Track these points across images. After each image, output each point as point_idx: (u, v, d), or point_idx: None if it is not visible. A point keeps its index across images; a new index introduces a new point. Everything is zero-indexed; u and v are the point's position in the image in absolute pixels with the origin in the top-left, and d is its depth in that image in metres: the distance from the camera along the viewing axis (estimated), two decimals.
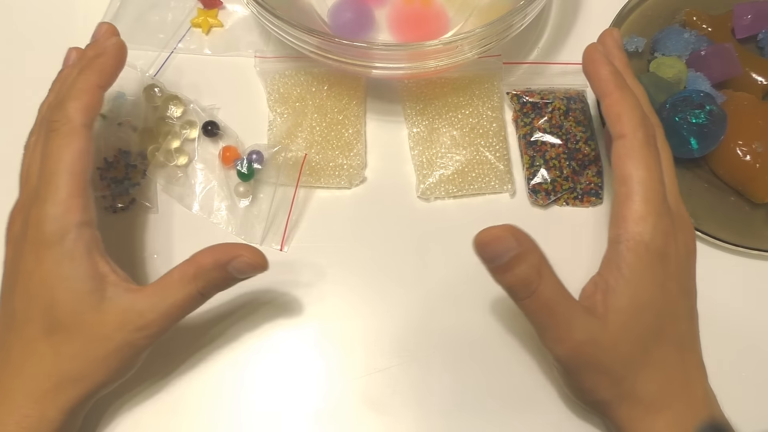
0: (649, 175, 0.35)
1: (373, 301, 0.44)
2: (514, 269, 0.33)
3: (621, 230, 0.35)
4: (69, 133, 0.36)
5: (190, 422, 0.41)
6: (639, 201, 0.35)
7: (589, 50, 0.39)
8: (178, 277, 0.36)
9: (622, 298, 0.35)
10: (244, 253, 0.36)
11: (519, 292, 0.34)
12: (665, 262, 0.35)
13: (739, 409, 0.38)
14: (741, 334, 0.43)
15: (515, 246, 0.32)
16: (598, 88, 0.38)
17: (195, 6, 0.52)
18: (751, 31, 0.49)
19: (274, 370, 0.42)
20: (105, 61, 0.39)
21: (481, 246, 0.33)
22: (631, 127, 0.36)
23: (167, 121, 0.48)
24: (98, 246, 0.36)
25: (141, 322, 0.35)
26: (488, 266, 0.34)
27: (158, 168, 0.46)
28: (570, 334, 0.34)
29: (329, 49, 0.42)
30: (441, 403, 0.41)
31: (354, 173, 0.46)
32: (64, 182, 0.35)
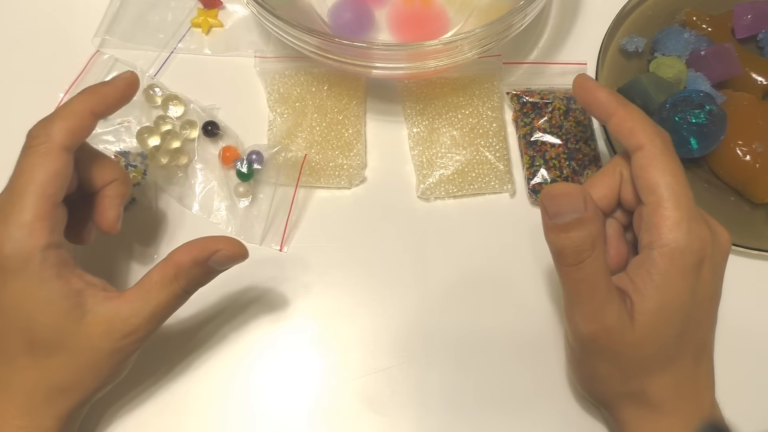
0: (676, 180, 0.34)
1: (372, 301, 0.44)
2: (572, 232, 0.32)
3: (654, 237, 0.34)
4: (46, 152, 0.34)
5: (190, 422, 0.41)
6: (670, 207, 0.34)
7: (578, 80, 0.38)
8: (158, 278, 0.35)
9: (650, 302, 0.34)
10: (222, 246, 0.36)
11: (567, 257, 0.33)
12: (700, 269, 0.34)
13: (739, 409, 0.38)
14: (741, 334, 0.43)
15: (581, 208, 0.32)
16: (600, 112, 0.37)
17: (195, 6, 0.52)
18: (751, 31, 0.49)
19: (273, 370, 0.42)
20: (107, 90, 0.37)
21: (549, 198, 0.32)
22: (647, 136, 0.35)
23: (167, 121, 0.48)
24: (67, 264, 0.34)
25: (127, 329, 0.34)
26: (547, 222, 0.33)
27: (158, 168, 0.46)
28: (602, 316, 0.33)
29: (329, 49, 0.42)
30: (441, 403, 0.41)
31: (354, 173, 0.46)
32: (31, 204, 0.33)
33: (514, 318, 0.43)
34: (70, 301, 0.34)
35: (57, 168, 0.34)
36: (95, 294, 0.35)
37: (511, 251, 0.45)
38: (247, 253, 0.36)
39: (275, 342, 0.43)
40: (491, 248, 0.45)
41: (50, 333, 0.34)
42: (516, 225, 0.46)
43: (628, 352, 0.34)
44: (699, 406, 0.36)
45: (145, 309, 0.35)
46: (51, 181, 0.34)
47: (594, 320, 0.34)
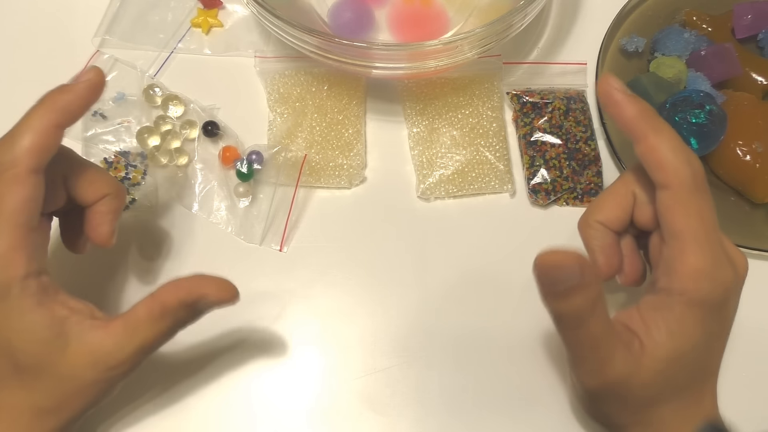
0: (703, 227, 0.32)
1: (373, 301, 0.44)
2: (570, 299, 0.31)
3: (675, 284, 0.32)
4: (12, 180, 0.32)
5: (190, 422, 0.41)
6: (695, 257, 0.32)
7: (603, 89, 0.34)
8: (145, 315, 0.34)
9: (662, 349, 0.33)
10: (210, 291, 0.34)
11: (567, 323, 0.32)
12: (721, 310, 0.33)
13: (739, 409, 0.38)
14: (741, 334, 0.42)
15: (577, 276, 0.30)
16: (627, 132, 0.34)
17: (195, 6, 0.52)
18: (751, 31, 0.49)
19: (273, 370, 0.42)
20: (70, 99, 0.34)
21: (542, 268, 0.31)
22: (676, 176, 0.32)
23: (167, 121, 0.48)
24: (48, 292, 0.33)
25: (112, 362, 0.33)
26: (543, 289, 0.32)
27: (158, 168, 0.46)
28: (605, 371, 0.33)
29: (329, 49, 0.42)
30: (440, 403, 0.41)
31: (354, 173, 0.46)
32: (4, 234, 0.32)
33: (514, 318, 0.43)
34: (53, 330, 0.33)
35: (26, 194, 0.32)
36: (80, 321, 0.33)
37: (511, 251, 0.45)
38: (237, 297, 0.35)
39: (275, 342, 0.43)
40: (491, 248, 0.45)
41: (33, 360, 0.33)
42: (516, 225, 0.46)
43: (635, 393, 0.34)
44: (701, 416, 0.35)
45: (130, 344, 0.33)
46: (22, 209, 0.32)
47: (598, 376, 0.33)
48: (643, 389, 0.33)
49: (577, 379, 0.35)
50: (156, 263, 0.44)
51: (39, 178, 0.33)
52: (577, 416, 0.41)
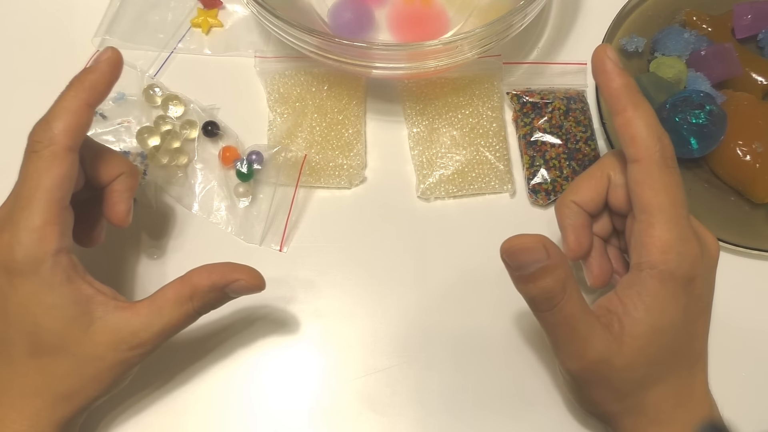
0: (670, 201, 0.33)
1: (373, 301, 0.44)
2: (539, 281, 0.32)
3: (644, 258, 0.33)
4: (51, 156, 0.34)
5: (191, 422, 0.41)
6: (662, 229, 0.33)
7: (597, 58, 0.35)
8: (173, 296, 0.35)
9: (640, 325, 0.33)
10: (242, 276, 0.35)
11: (540, 304, 0.33)
12: (691, 286, 0.34)
13: (739, 409, 0.38)
14: (741, 334, 0.43)
15: (544, 257, 0.31)
16: (609, 102, 0.35)
17: (195, 6, 0.52)
18: (751, 31, 0.49)
19: (273, 370, 0.42)
20: (95, 78, 0.36)
21: (508, 253, 0.32)
22: (647, 150, 0.34)
23: (167, 121, 0.48)
24: (77, 269, 0.35)
25: (135, 342, 0.34)
26: (512, 273, 0.33)
27: (158, 168, 0.46)
28: (585, 352, 0.33)
29: (329, 49, 0.42)
30: (441, 403, 0.41)
31: (354, 173, 0.46)
32: (40, 209, 0.33)
33: (514, 318, 0.43)
34: (79, 307, 0.34)
35: (63, 171, 0.34)
36: (105, 302, 0.34)
37: None
38: (264, 285, 0.36)
39: (275, 342, 0.43)
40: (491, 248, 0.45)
41: (56, 339, 0.34)
42: (516, 225, 0.46)
43: (619, 375, 0.34)
44: (696, 412, 0.36)
45: (155, 324, 0.35)
46: (58, 185, 0.34)
47: (579, 358, 0.34)
48: (626, 370, 0.34)
49: (560, 364, 0.36)
50: (156, 263, 0.44)
51: (74, 156, 0.35)
52: (576, 416, 0.41)
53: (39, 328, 0.34)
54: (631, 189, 0.35)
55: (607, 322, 0.34)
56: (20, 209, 0.34)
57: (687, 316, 0.34)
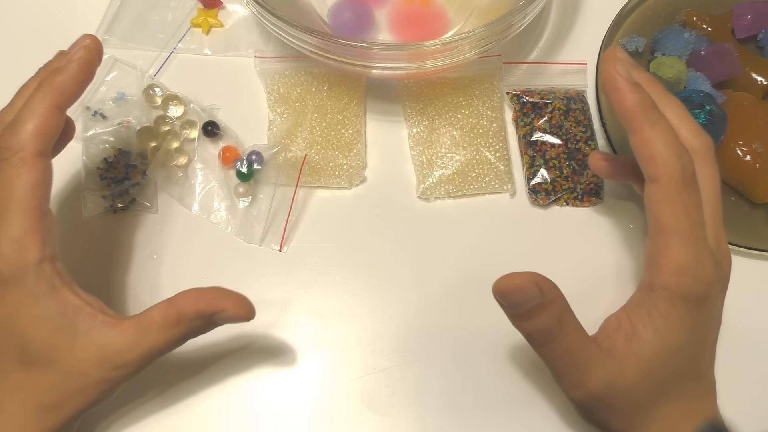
0: (688, 223, 0.32)
1: (373, 301, 0.44)
2: (534, 319, 0.32)
3: (657, 279, 0.33)
4: (20, 163, 0.32)
5: (191, 422, 0.41)
6: (678, 252, 0.32)
7: (607, 73, 0.33)
8: (160, 319, 0.34)
9: (647, 347, 0.33)
10: (229, 306, 0.34)
11: (537, 341, 0.33)
12: (702, 307, 0.33)
13: (739, 409, 0.38)
14: (741, 334, 0.43)
15: (537, 296, 0.31)
16: (624, 121, 0.33)
17: (195, 6, 0.52)
18: (751, 31, 0.49)
19: (273, 370, 0.42)
20: (64, 79, 0.34)
21: (501, 294, 0.31)
22: (666, 170, 0.32)
23: (167, 121, 0.48)
24: (63, 279, 0.34)
25: (119, 362, 0.33)
26: (507, 312, 0.33)
27: (158, 168, 0.46)
28: (587, 382, 0.33)
29: (329, 49, 0.42)
30: (440, 403, 0.41)
31: (354, 173, 0.46)
32: (17, 218, 0.32)
33: None
34: (65, 318, 0.33)
35: (35, 177, 0.33)
36: (92, 315, 0.34)
37: (511, 251, 0.45)
38: (252, 315, 0.35)
39: (275, 342, 0.43)
40: (491, 248, 0.45)
41: (44, 350, 0.33)
42: (516, 225, 0.46)
43: (623, 397, 0.34)
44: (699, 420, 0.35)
45: (140, 346, 0.34)
46: (31, 192, 0.33)
47: (581, 387, 0.34)
48: (630, 393, 0.33)
49: (564, 393, 0.36)
50: (156, 263, 0.44)
51: (46, 161, 0.34)
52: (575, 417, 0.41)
53: (27, 338, 0.33)
54: (648, 209, 0.33)
55: (610, 345, 0.34)
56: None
57: (693, 337, 0.34)
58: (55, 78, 0.35)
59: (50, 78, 0.35)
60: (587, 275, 0.44)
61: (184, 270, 0.44)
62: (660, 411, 0.34)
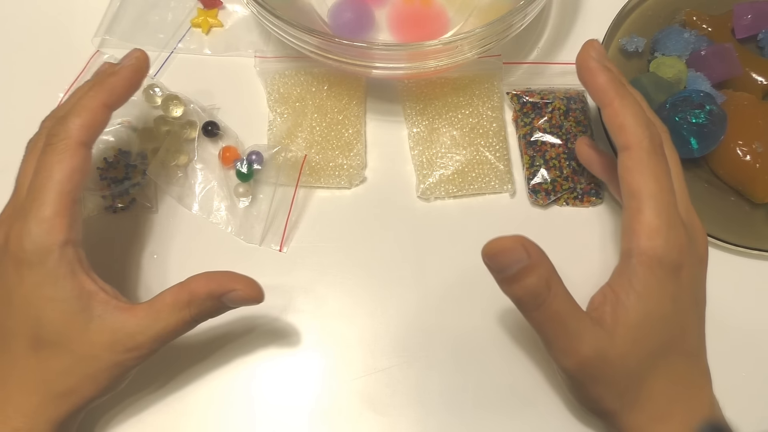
0: (659, 187, 0.34)
1: (372, 301, 0.44)
2: (523, 281, 0.32)
3: (633, 244, 0.34)
4: (64, 149, 0.35)
5: (190, 422, 0.41)
6: (650, 214, 0.34)
7: (582, 58, 0.37)
8: (171, 301, 0.35)
9: (632, 313, 0.34)
10: (240, 287, 0.35)
11: (527, 304, 0.33)
12: (678, 275, 0.34)
13: (739, 409, 0.38)
14: (741, 334, 0.43)
15: (525, 257, 0.32)
16: (596, 97, 0.37)
17: (195, 6, 0.52)
18: (751, 31, 0.49)
19: (273, 371, 0.42)
20: (116, 81, 0.38)
21: (489, 256, 0.32)
22: (636, 137, 0.35)
23: (167, 121, 0.48)
24: (83, 264, 0.35)
25: (131, 344, 0.34)
26: (496, 276, 0.33)
27: (158, 168, 0.46)
28: (577, 347, 0.34)
29: (329, 49, 0.42)
30: (441, 403, 0.41)
31: (354, 173, 0.46)
32: (50, 200, 0.34)
33: (514, 318, 0.43)
34: (81, 302, 0.34)
35: (75, 164, 0.35)
36: (106, 300, 0.35)
37: None
38: (262, 297, 0.36)
39: (275, 342, 0.43)
40: None
41: (56, 333, 0.34)
42: (516, 225, 0.46)
43: (613, 369, 0.34)
44: (696, 406, 0.36)
45: (152, 328, 0.34)
46: (69, 178, 0.35)
47: (571, 353, 0.34)
48: (621, 360, 0.34)
49: (555, 363, 0.36)
50: (156, 263, 0.44)
51: (87, 151, 0.36)
52: (577, 415, 0.41)
53: (41, 321, 0.34)
54: (621, 177, 0.36)
55: (599, 316, 0.35)
56: (32, 200, 0.34)
57: (676, 307, 0.35)
58: (107, 80, 0.38)
59: (102, 79, 0.38)
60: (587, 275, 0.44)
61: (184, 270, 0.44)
62: (652, 387, 0.35)
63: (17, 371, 0.34)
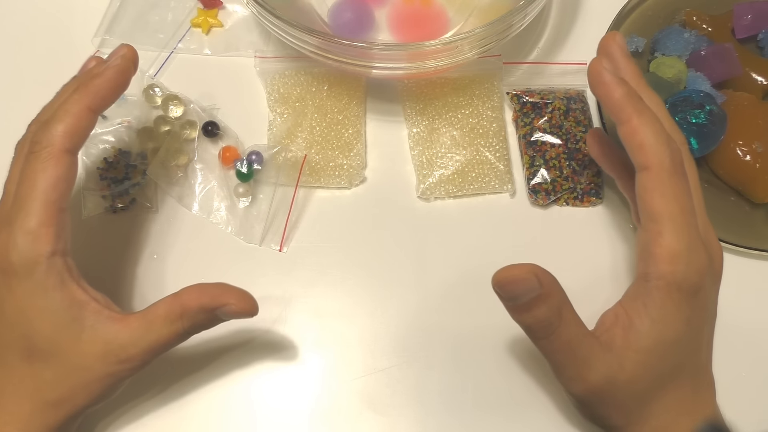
0: (680, 209, 0.33)
1: (372, 301, 0.44)
2: (534, 310, 0.32)
3: (651, 268, 0.33)
4: (48, 157, 0.34)
5: (190, 422, 0.41)
6: (671, 238, 0.32)
7: (594, 68, 0.35)
8: (164, 313, 0.34)
9: (644, 339, 0.33)
10: (233, 300, 0.35)
11: (537, 332, 0.33)
12: (695, 297, 0.33)
13: (739, 409, 0.38)
14: (741, 334, 0.43)
15: (537, 287, 0.31)
16: (612, 113, 0.34)
17: (195, 6, 0.52)
18: (751, 31, 0.49)
19: (273, 370, 0.42)
20: (101, 84, 0.36)
21: (500, 285, 0.31)
22: (656, 157, 0.33)
23: (167, 121, 0.48)
24: (72, 274, 0.34)
25: (123, 356, 0.34)
26: (506, 304, 0.32)
27: (158, 168, 0.46)
28: (586, 375, 0.33)
29: (329, 49, 0.42)
30: (440, 403, 0.41)
31: (354, 173, 0.46)
32: (36, 210, 0.33)
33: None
34: (72, 312, 0.33)
35: (60, 172, 0.34)
36: (98, 310, 0.34)
37: (511, 251, 0.45)
38: (256, 310, 0.35)
39: (275, 342, 0.43)
40: (491, 248, 0.45)
41: (49, 344, 0.33)
42: (516, 225, 0.46)
43: (621, 392, 0.34)
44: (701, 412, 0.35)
45: (144, 340, 0.34)
46: (54, 187, 0.34)
47: (580, 381, 0.34)
48: (629, 385, 0.34)
49: (563, 388, 0.36)
50: (156, 263, 0.44)
51: (72, 159, 0.35)
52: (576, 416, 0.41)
53: (33, 332, 0.33)
54: (639, 197, 0.34)
55: (609, 339, 0.34)
56: (17, 210, 0.33)
57: (690, 329, 0.34)
58: (91, 82, 0.36)
59: (87, 81, 0.36)
60: (587, 275, 0.44)
61: (184, 270, 0.44)
62: (659, 405, 0.34)
63: (12, 380, 0.34)
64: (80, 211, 0.45)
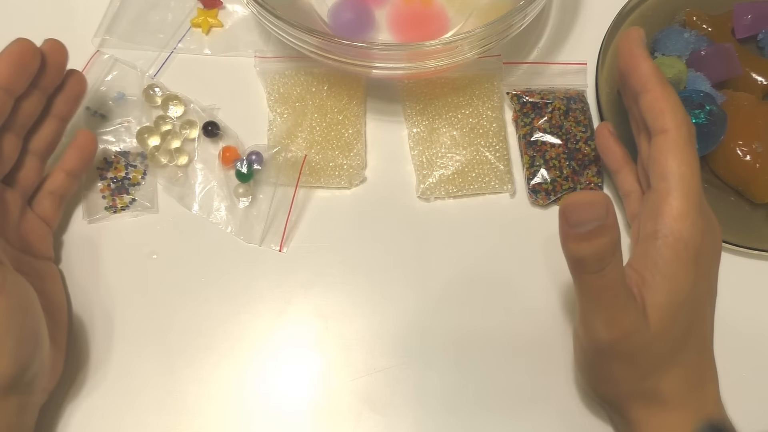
0: (691, 172, 0.35)
1: (372, 301, 0.44)
2: (594, 240, 0.31)
3: (659, 225, 0.35)
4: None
5: (190, 422, 0.41)
6: (680, 197, 0.34)
7: (627, 42, 0.38)
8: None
9: (660, 294, 0.34)
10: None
11: (590, 266, 0.32)
12: (699, 261, 0.35)
13: (739, 409, 0.38)
14: (741, 334, 0.43)
15: (604, 215, 0.30)
16: (638, 83, 0.37)
17: (195, 6, 0.52)
18: (751, 31, 0.49)
19: (273, 370, 0.42)
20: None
21: (571, 208, 0.30)
22: (675, 122, 0.36)
23: (167, 121, 0.48)
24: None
25: None
26: (568, 231, 0.31)
27: (158, 168, 0.46)
28: (622, 320, 0.33)
29: (329, 49, 0.42)
30: (440, 403, 0.41)
31: (354, 173, 0.46)
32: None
33: (514, 318, 0.43)
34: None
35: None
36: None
37: (511, 251, 0.45)
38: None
39: (275, 342, 0.43)
40: (491, 248, 0.45)
41: None
42: (516, 225, 0.46)
43: (643, 350, 0.34)
44: (704, 398, 0.36)
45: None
46: None
47: (615, 326, 0.33)
48: (649, 346, 0.34)
49: (589, 334, 0.35)
50: (156, 263, 0.44)
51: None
52: (576, 415, 0.41)
53: None
54: (654, 159, 0.36)
55: (636, 294, 0.34)
56: None
57: (696, 293, 0.35)
58: None
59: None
60: None
61: (184, 270, 0.44)
62: (670, 377, 0.35)
63: None
64: (80, 211, 0.45)
